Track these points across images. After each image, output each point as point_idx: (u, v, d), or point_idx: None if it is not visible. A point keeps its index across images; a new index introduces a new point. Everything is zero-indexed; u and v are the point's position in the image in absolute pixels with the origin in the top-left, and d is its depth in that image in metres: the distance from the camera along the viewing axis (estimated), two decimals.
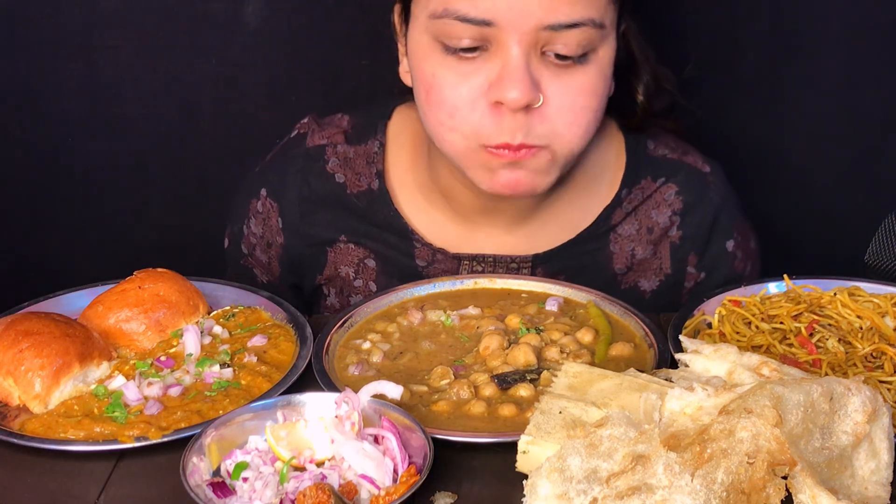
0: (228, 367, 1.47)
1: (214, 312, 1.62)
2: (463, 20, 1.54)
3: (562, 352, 1.48)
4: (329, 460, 1.25)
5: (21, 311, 1.56)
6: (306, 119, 1.91)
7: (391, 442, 1.24)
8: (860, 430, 1.18)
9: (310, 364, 1.47)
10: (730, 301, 1.58)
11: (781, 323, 1.51)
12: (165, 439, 1.32)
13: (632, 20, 1.73)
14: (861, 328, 1.50)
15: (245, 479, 1.22)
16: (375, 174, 1.84)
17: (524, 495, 1.14)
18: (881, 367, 1.43)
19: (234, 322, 1.59)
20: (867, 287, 1.59)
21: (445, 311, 1.61)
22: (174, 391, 1.42)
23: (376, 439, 1.26)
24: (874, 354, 1.45)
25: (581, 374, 1.34)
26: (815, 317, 1.51)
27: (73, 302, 1.63)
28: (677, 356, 1.39)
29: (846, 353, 1.45)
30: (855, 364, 1.43)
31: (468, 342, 1.54)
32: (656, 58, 1.80)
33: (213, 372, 1.46)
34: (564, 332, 1.53)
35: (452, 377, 1.44)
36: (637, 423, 1.16)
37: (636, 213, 1.84)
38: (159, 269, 1.61)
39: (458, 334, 1.56)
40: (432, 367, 1.46)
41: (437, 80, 1.60)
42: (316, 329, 1.55)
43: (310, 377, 1.44)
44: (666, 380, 1.32)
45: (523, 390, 1.40)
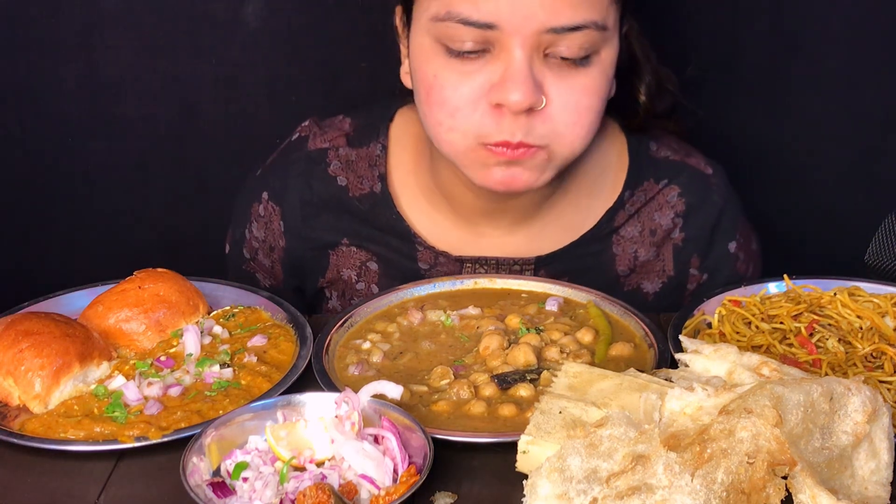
0: (228, 367, 1.47)
1: (214, 312, 1.62)
2: (465, 23, 1.53)
3: (562, 352, 1.48)
4: (329, 460, 1.25)
5: (21, 311, 1.56)
6: (307, 122, 1.90)
7: (391, 442, 1.24)
8: (860, 430, 1.18)
9: (310, 364, 1.47)
10: (730, 301, 1.58)
11: (781, 323, 1.51)
12: (165, 439, 1.32)
13: (634, 21, 1.73)
14: (861, 328, 1.50)
15: (245, 479, 1.22)
16: (378, 177, 1.83)
17: (524, 495, 1.14)
18: (881, 367, 1.43)
19: (234, 322, 1.59)
20: (867, 287, 1.59)
21: (445, 311, 1.61)
22: (174, 391, 1.42)
23: (376, 439, 1.26)
24: (874, 354, 1.45)
25: (581, 374, 1.34)
26: (815, 317, 1.51)
27: (73, 302, 1.63)
28: (677, 356, 1.39)
29: (846, 353, 1.45)
30: (855, 364, 1.43)
31: (468, 342, 1.54)
32: (658, 58, 1.80)
33: (213, 372, 1.46)
34: (564, 332, 1.53)
35: (452, 377, 1.44)
36: (637, 423, 1.16)
37: (639, 215, 1.84)
38: (159, 269, 1.61)
39: (458, 334, 1.56)
40: (432, 367, 1.46)
41: (439, 80, 1.59)
42: (316, 329, 1.55)
43: (310, 377, 1.44)
44: (666, 380, 1.32)
45: (523, 390, 1.40)
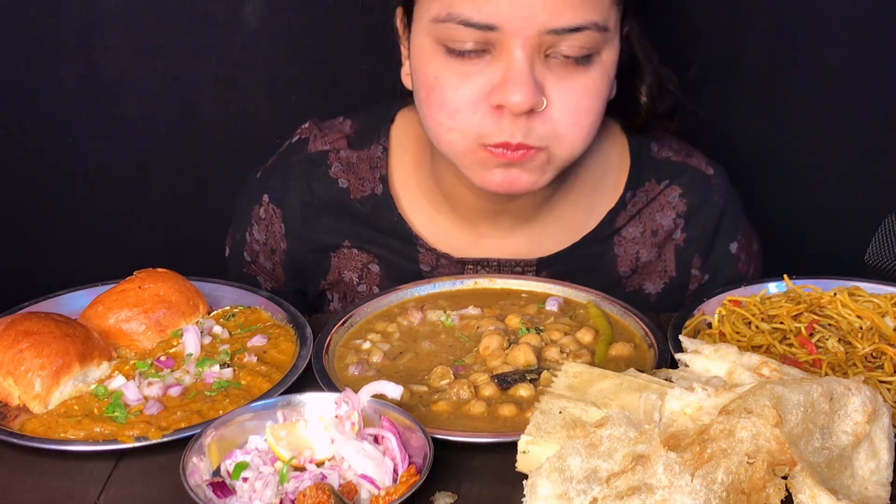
0: (228, 367, 1.47)
1: (214, 312, 1.62)
2: (466, 24, 1.53)
3: (562, 352, 1.48)
4: (329, 460, 1.25)
5: (21, 311, 1.56)
6: (307, 124, 1.90)
7: (391, 442, 1.24)
8: (860, 430, 1.18)
9: (310, 364, 1.47)
10: (730, 301, 1.58)
11: (781, 323, 1.51)
12: (165, 439, 1.32)
13: (635, 22, 1.72)
14: (861, 328, 1.50)
15: (245, 479, 1.22)
16: (379, 179, 1.83)
17: (524, 495, 1.14)
18: (881, 367, 1.43)
19: (234, 322, 1.59)
20: (867, 287, 1.59)
21: (445, 311, 1.61)
22: (174, 391, 1.42)
23: (376, 439, 1.26)
24: (874, 354, 1.45)
25: (581, 374, 1.34)
26: (815, 317, 1.51)
27: (73, 302, 1.63)
28: (677, 356, 1.39)
29: (846, 353, 1.45)
30: (855, 364, 1.43)
31: (468, 342, 1.54)
32: (658, 59, 1.80)
33: (213, 372, 1.46)
34: (564, 332, 1.53)
35: (452, 377, 1.44)
36: (637, 423, 1.16)
37: (640, 216, 1.84)
38: (159, 269, 1.61)
39: (458, 334, 1.56)
40: (432, 367, 1.46)
41: (440, 82, 1.58)
42: (316, 329, 1.55)
43: (310, 377, 1.44)
44: (666, 380, 1.32)
45: (523, 390, 1.40)
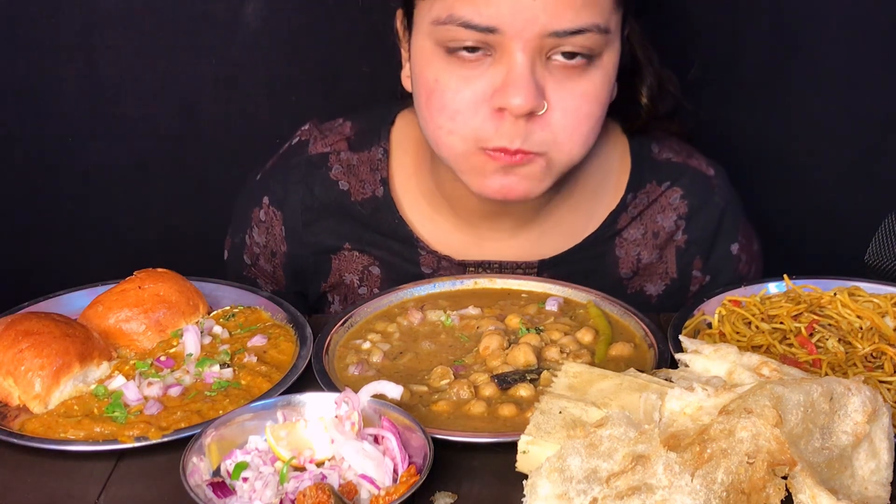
0: (228, 367, 1.47)
1: (214, 312, 1.62)
2: (467, 27, 1.52)
3: (562, 352, 1.48)
4: (329, 460, 1.25)
5: (21, 311, 1.56)
6: (307, 126, 1.89)
7: (391, 442, 1.24)
8: (860, 430, 1.18)
9: (310, 364, 1.47)
10: (730, 301, 1.58)
11: (781, 323, 1.51)
12: (165, 439, 1.32)
13: (636, 23, 1.72)
14: (861, 328, 1.50)
15: (245, 479, 1.22)
16: (380, 181, 1.83)
17: (524, 495, 1.14)
18: (881, 367, 1.43)
19: (234, 322, 1.59)
20: (867, 287, 1.59)
21: (445, 311, 1.61)
22: (174, 391, 1.42)
23: (376, 439, 1.26)
24: (874, 354, 1.45)
25: (581, 374, 1.34)
26: (815, 317, 1.51)
27: (73, 302, 1.63)
28: (677, 356, 1.39)
29: (846, 353, 1.45)
30: (855, 364, 1.43)
31: (468, 342, 1.54)
32: (658, 60, 1.80)
33: (213, 372, 1.46)
34: (564, 332, 1.53)
35: (452, 377, 1.44)
36: (637, 423, 1.16)
37: (641, 218, 1.84)
38: (159, 269, 1.61)
39: (458, 334, 1.56)
40: (432, 367, 1.46)
41: (440, 84, 1.58)
42: (316, 329, 1.55)
43: (310, 377, 1.44)
44: (666, 380, 1.32)
45: (523, 390, 1.40)
